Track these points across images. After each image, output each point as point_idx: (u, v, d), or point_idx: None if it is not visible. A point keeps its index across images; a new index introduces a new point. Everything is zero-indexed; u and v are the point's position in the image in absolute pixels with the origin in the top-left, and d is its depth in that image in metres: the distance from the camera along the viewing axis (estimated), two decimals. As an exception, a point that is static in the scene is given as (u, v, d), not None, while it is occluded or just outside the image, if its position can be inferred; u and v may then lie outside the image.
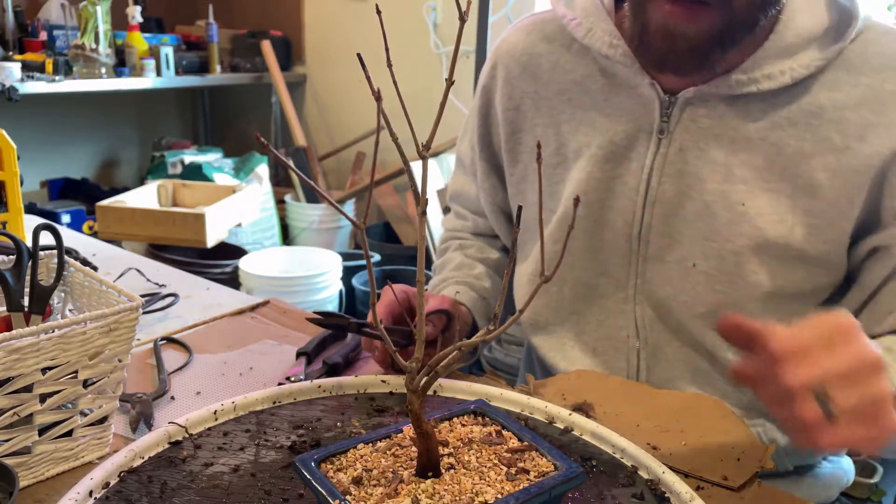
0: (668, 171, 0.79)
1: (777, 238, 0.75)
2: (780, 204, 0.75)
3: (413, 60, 2.89)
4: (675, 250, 0.80)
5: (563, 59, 0.86)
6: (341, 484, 0.49)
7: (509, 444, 0.55)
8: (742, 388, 0.82)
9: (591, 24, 0.81)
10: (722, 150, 0.77)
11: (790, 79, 0.73)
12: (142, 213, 2.18)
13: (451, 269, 1.01)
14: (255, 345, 0.90)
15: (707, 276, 0.78)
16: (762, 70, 0.74)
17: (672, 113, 0.78)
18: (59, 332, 0.57)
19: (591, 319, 0.87)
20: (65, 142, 3.36)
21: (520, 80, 0.89)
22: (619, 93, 0.81)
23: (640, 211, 0.81)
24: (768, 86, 0.73)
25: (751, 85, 0.74)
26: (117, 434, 0.68)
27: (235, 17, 3.60)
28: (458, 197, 1.07)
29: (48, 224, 0.73)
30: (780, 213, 0.75)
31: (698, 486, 0.62)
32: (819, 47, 0.73)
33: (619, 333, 0.85)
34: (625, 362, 0.86)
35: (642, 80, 0.79)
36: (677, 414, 0.73)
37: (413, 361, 0.50)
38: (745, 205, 0.76)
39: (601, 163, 0.82)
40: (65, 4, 2.89)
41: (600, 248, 0.84)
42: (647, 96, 0.79)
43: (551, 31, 0.88)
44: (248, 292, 2.19)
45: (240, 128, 3.82)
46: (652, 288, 0.82)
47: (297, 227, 2.97)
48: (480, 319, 0.94)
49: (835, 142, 0.73)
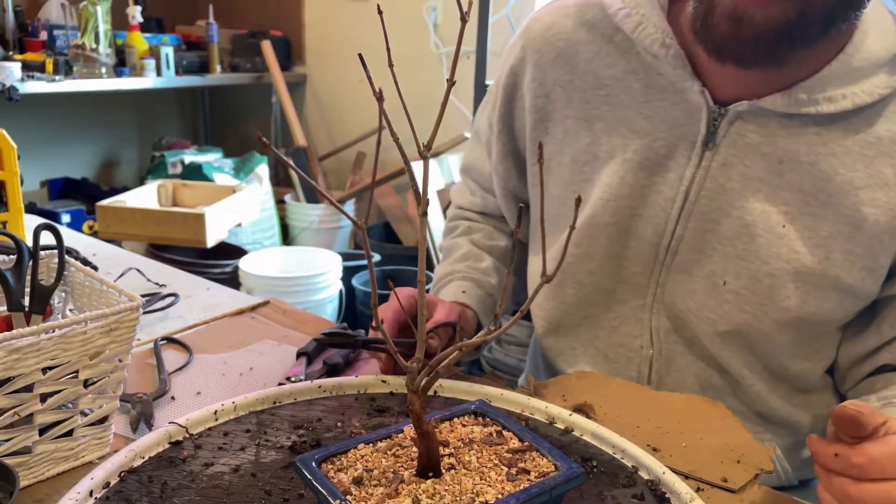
0: (708, 186, 0.76)
1: (814, 264, 0.73)
2: (821, 230, 0.73)
3: (413, 60, 2.89)
4: (704, 265, 0.78)
5: (605, 50, 0.80)
6: (342, 484, 0.49)
7: (510, 445, 0.55)
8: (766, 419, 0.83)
9: (641, 18, 0.76)
10: (768, 168, 0.73)
11: (852, 104, 0.70)
12: (142, 213, 2.18)
13: (457, 260, 0.97)
14: (255, 345, 0.90)
15: (736, 295, 0.76)
16: (825, 92, 0.70)
17: (720, 125, 0.74)
18: (59, 331, 0.57)
19: (605, 325, 0.85)
20: (65, 142, 3.36)
21: (553, 66, 0.82)
22: (664, 96, 0.77)
23: (674, 224, 0.78)
24: (828, 109, 0.70)
25: (810, 106, 0.70)
26: (117, 434, 0.68)
27: (235, 17, 3.60)
28: (471, 170, 1.01)
29: (48, 224, 0.73)
30: (819, 238, 0.73)
31: (698, 488, 0.62)
32: (887, 73, 0.70)
33: (633, 342, 0.84)
34: (636, 371, 0.84)
35: (692, 86, 0.74)
36: (678, 415, 0.73)
37: (414, 362, 0.50)
38: (785, 227, 0.73)
39: (636, 169, 0.78)
40: (65, 4, 2.90)
41: (624, 254, 0.82)
42: (695, 104, 0.75)
43: (593, 17, 0.81)
44: (248, 292, 2.19)
45: (240, 128, 3.82)
46: (672, 299, 0.80)
47: (297, 227, 2.97)
48: (485, 318, 0.92)
49: (887, 177, 0.71)
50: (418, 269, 0.49)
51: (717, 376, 0.81)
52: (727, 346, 0.79)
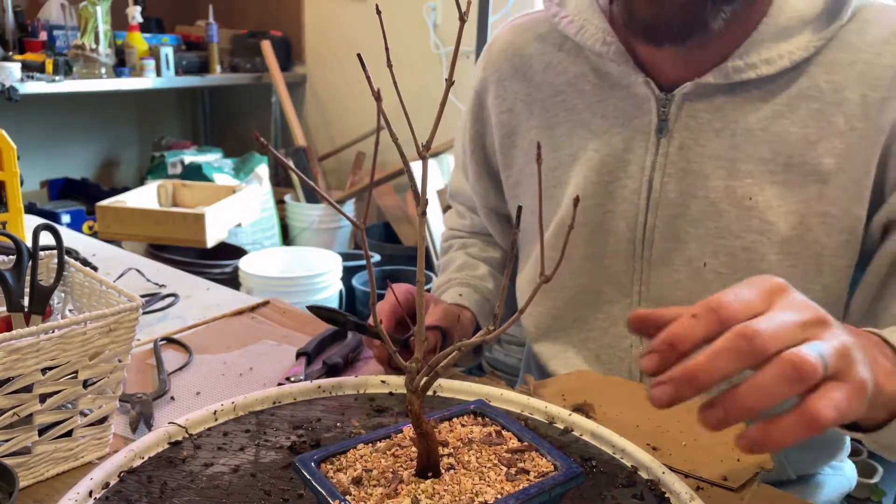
0: (669, 172, 0.77)
1: (789, 231, 0.73)
2: (790, 196, 0.73)
3: (413, 60, 2.89)
4: (682, 252, 0.78)
5: (556, 58, 0.84)
6: (341, 484, 0.49)
7: (509, 445, 0.55)
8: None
9: (583, 21, 0.79)
10: (724, 144, 0.74)
11: (789, 62, 0.71)
12: (142, 213, 2.18)
13: (454, 270, 0.99)
14: (255, 345, 0.90)
15: (718, 274, 0.76)
16: (759, 55, 0.71)
17: (670, 110, 0.76)
18: (59, 332, 0.57)
19: (595, 326, 0.86)
20: (65, 142, 3.36)
21: (512, 81, 0.87)
22: (614, 93, 0.79)
23: (644, 215, 0.79)
24: (767, 71, 0.71)
25: (749, 71, 0.72)
26: (117, 434, 0.68)
27: (235, 17, 3.60)
28: (457, 194, 1.06)
29: (48, 224, 0.73)
30: (790, 204, 0.73)
31: (698, 487, 0.62)
32: (815, 29, 0.71)
33: (623, 342, 0.84)
34: (627, 371, 0.85)
35: (637, 78, 0.77)
36: (677, 414, 0.73)
37: (413, 362, 0.50)
38: (752, 199, 0.74)
39: (598, 167, 0.80)
40: (65, 4, 2.90)
41: (603, 254, 0.82)
42: (643, 95, 0.77)
43: (544, 31, 0.85)
44: (248, 292, 2.19)
45: (240, 128, 3.82)
46: (659, 293, 0.80)
47: (297, 227, 2.97)
48: (484, 321, 0.93)
49: (839, 125, 0.71)
50: (417, 268, 0.49)
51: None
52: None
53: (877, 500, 1.65)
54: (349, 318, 0.76)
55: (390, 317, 0.79)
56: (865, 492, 1.64)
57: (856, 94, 0.70)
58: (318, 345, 0.88)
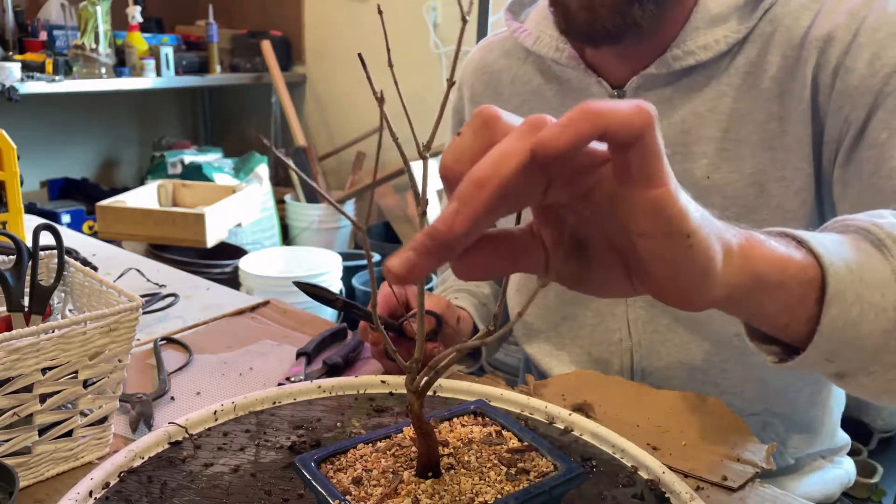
0: None
1: (752, 201, 0.76)
2: (745, 168, 0.76)
3: (413, 60, 2.89)
4: None
5: (521, 71, 0.89)
6: (341, 484, 0.49)
7: (509, 445, 0.55)
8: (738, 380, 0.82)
9: (539, 33, 0.84)
10: (676, 131, 0.78)
11: (725, 45, 0.74)
12: (142, 213, 2.18)
13: (452, 280, 1.02)
14: (255, 345, 0.90)
15: None
16: (695, 42, 0.75)
17: None
18: (59, 332, 0.57)
19: (584, 324, 0.87)
20: (65, 142, 3.36)
21: (483, 97, 0.92)
22: (573, 96, 0.84)
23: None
24: (705, 56, 0.75)
25: (688, 57, 0.75)
26: (117, 434, 0.68)
27: (235, 17, 3.60)
28: None
29: (48, 224, 0.73)
30: (747, 176, 0.76)
31: (698, 487, 0.62)
32: (749, 10, 0.75)
33: (613, 336, 0.86)
34: (619, 364, 0.86)
35: (590, 80, 0.81)
36: (677, 414, 0.73)
37: (413, 362, 0.50)
38: (710, 178, 0.77)
39: None
40: (65, 4, 2.90)
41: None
42: (597, 95, 0.81)
43: (509, 46, 0.91)
44: (248, 292, 2.19)
45: (240, 128, 3.82)
46: None
47: (297, 227, 2.97)
48: (482, 324, 0.95)
49: (772, 90, 0.74)
50: (418, 269, 0.49)
51: (699, 359, 0.82)
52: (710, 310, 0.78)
53: (877, 500, 1.65)
54: (339, 297, 0.77)
55: (383, 304, 0.80)
56: (865, 492, 1.64)
57: (777, 56, 0.74)
58: (318, 345, 0.88)
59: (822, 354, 0.45)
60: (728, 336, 0.79)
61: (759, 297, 0.43)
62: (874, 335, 0.46)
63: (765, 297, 0.43)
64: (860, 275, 0.45)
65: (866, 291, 0.45)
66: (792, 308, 0.45)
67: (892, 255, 0.47)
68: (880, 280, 0.46)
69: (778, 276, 0.43)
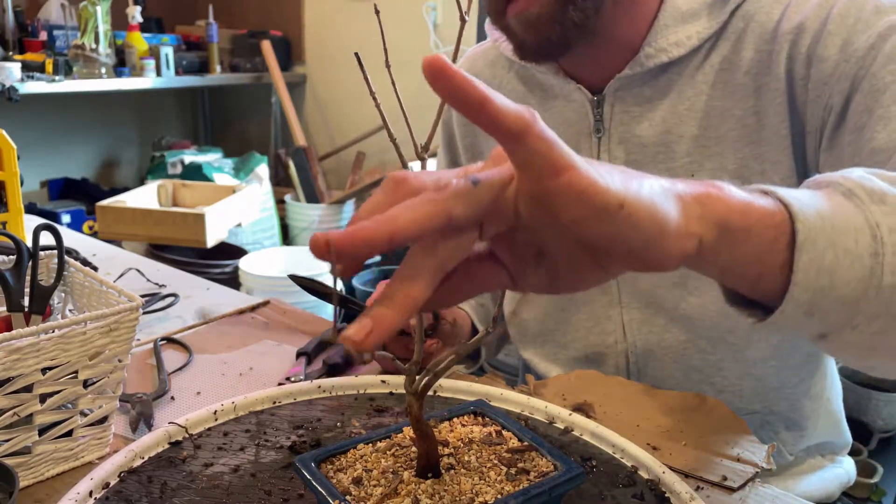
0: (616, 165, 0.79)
1: None
2: (728, 164, 0.76)
3: (413, 60, 2.88)
4: None
5: (505, 79, 0.90)
6: (341, 484, 0.49)
7: (509, 445, 0.55)
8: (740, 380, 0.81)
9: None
10: (657, 131, 0.78)
11: (697, 41, 0.75)
12: (142, 213, 2.18)
13: None
14: (255, 345, 0.90)
15: None
16: (667, 39, 0.76)
17: (604, 110, 0.80)
18: (59, 332, 0.57)
19: (579, 327, 0.88)
20: (65, 142, 3.36)
21: None
22: (556, 103, 0.85)
23: None
24: (678, 52, 0.75)
25: (660, 55, 0.76)
26: (117, 434, 0.68)
27: (235, 17, 3.60)
28: None
29: (48, 224, 0.73)
30: (730, 172, 0.76)
31: (698, 487, 0.62)
32: (719, 6, 0.75)
33: (608, 338, 0.86)
34: (614, 367, 0.86)
35: (570, 86, 0.82)
36: (677, 414, 0.73)
37: (412, 364, 0.50)
38: (694, 176, 0.77)
39: None
40: (65, 4, 2.90)
41: None
42: (578, 100, 0.82)
43: (493, 56, 0.92)
44: (248, 292, 2.19)
45: (240, 128, 3.82)
46: (636, 283, 0.82)
47: (297, 227, 2.97)
48: (481, 324, 0.95)
49: (749, 86, 0.75)
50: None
51: (695, 358, 0.82)
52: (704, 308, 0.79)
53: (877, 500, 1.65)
54: (335, 291, 0.77)
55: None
56: (865, 492, 1.64)
57: (751, 51, 0.74)
58: (318, 345, 0.88)
59: (801, 307, 0.44)
60: (722, 333, 0.79)
61: (728, 246, 0.42)
62: (851, 283, 0.44)
63: (734, 245, 0.42)
64: (832, 222, 0.44)
65: (839, 238, 0.44)
66: (763, 256, 0.43)
67: (863, 203, 0.46)
68: (853, 226, 0.45)
69: (743, 221, 0.42)
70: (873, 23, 0.67)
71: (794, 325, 0.46)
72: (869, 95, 0.66)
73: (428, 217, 0.35)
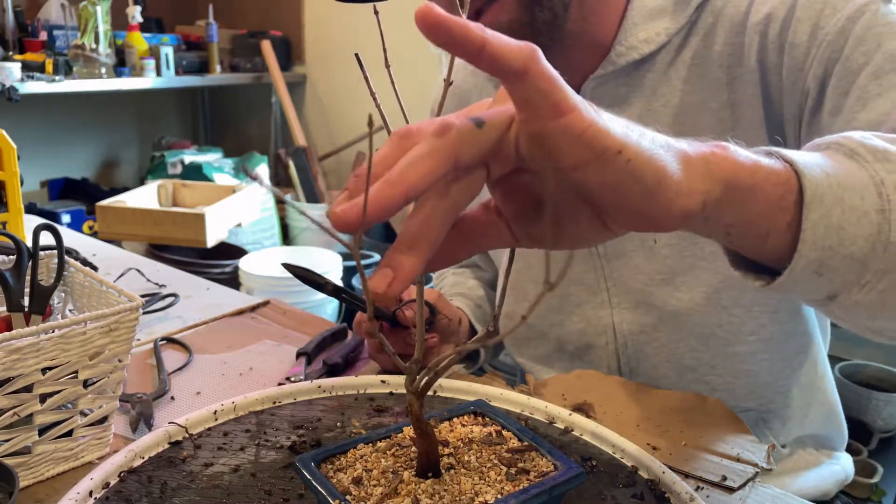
0: None
1: None
2: None
3: (412, 60, 2.88)
4: (630, 238, 0.80)
5: (487, 87, 0.91)
6: (341, 484, 0.49)
7: (509, 445, 0.55)
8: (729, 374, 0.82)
9: None
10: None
11: (666, 37, 0.75)
12: (142, 213, 2.18)
13: (447, 286, 1.05)
14: (255, 345, 0.90)
15: (670, 247, 0.79)
16: (636, 36, 0.76)
17: None
18: (59, 332, 0.57)
19: (572, 329, 0.88)
20: (65, 142, 3.36)
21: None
22: None
23: None
24: (648, 49, 0.75)
25: (631, 52, 0.76)
26: (117, 434, 0.68)
27: (235, 17, 3.60)
28: None
29: (48, 224, 0.73)
30: None
31: (698, 487, 0.63)
32: (684, 1, 0.75)
33: (599, 339, 0.86)
34: (606, 368, 0.86)
35: None
36: (677, 414, 0.73)
37: (412, 363, 0.50)
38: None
39: None
40: (65, 4, 2.90)
41: (561, 258, 0.84)
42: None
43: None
44: (248, 292, 2.19)
45: (240, 128, 3.82)
46: (625, 282, 0.82)
47: (297, 227, 2.97)
48: (479, 325, 0.96)
49: (722, 79, 0.75)
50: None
51: (688, 357, 0.82)
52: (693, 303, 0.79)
53: (877, 500, 1.65)
54: (329, 281, 0.77)
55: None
56: (865, 491, 1.64)
57: (721, 45, 0.74)
58: (318, 345, 0.88)
59: (811, 266, 0.43)
60: (712, 328, 0.80)
61: (735, 204, 0.42)
62: (859, 240, 0.44)
63: (740, 203, 0.42)
64: (837, 180, 0.44)
65: (845, 195, 0.44)
66: (770, 215, 0.43)
67: (866, 162, 0.46)
68: (859, 184, 0.45)
69: (749, 179, 0.42)
70: (841, 6, 0.67)
71: (803, 287, 0.45)
72: (844, 78, 0.66)
73: (435, 168, 0.35)
